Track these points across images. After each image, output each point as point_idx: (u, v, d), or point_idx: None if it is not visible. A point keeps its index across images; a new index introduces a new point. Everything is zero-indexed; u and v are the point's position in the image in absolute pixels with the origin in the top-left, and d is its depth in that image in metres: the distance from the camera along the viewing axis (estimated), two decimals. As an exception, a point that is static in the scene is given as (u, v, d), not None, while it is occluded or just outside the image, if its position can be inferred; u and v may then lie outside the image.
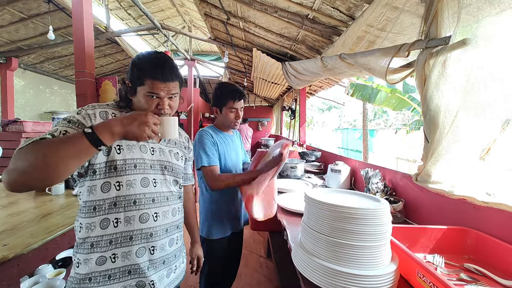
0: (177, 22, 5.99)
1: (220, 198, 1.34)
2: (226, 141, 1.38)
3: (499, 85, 0.83)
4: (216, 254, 1.32)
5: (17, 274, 0.87)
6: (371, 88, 4.62)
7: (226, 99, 1.31)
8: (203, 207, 1.37)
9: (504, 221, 0.79)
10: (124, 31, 3.68)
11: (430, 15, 0.96)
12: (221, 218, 1.34)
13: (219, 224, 1.33)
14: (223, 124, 1.38)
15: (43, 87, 4.71)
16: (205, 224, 1.34)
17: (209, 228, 1.32)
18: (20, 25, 3.32)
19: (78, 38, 2.16)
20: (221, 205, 1.35)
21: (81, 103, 2.18)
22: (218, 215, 1.34)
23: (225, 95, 1.31)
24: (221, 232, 1.33)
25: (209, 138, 1.28)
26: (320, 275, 0.67)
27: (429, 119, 0.93)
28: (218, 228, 1.33)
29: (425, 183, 0.97)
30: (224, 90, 1.33)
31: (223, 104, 1.32)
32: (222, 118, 1.36)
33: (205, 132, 1.31)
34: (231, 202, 1.38)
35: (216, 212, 1.34)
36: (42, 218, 1.18)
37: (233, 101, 1.30)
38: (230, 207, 1.38)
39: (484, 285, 0.68)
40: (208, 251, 1.30)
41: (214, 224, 1.33)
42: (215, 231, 1.32)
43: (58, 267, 1.56)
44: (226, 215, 1.35)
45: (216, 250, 1.32)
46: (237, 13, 2.63)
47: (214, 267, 1.33)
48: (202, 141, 1.27)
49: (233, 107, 1.31)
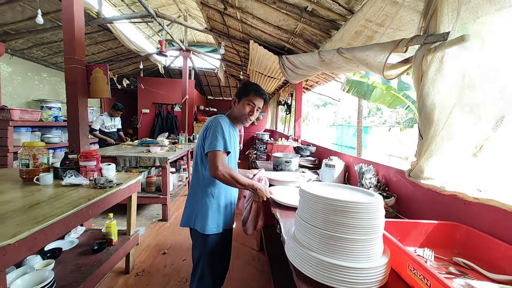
0: (172, 11, 5.82)
1: (219, 192, 1.31)
2: (234, 135, 1.37)
3: (494, 83, 0.84)
4: (213, 248, 1.29)
5: (2, 264, 0.84)
6: (367, 85, 4.63)
7: (250, 91, 1.33)
8: (200, 198, 1.30)
9: (494, 216, 0.81)
10: (117, 17, 3.55)
11: (429, 10, 0.95)
12: (218, 213, 1.31)
13: (216, 218, 1.29)
14: (236, 115, 1.37)
15: (31, 74, 4.53)
16: (200, 217, 1.28)
17: (205, 221, 1.27)
18: (6, 8, 3.16)
19: (67, 22, 2.08)
20: (220, 200, 1.32)
21: (70, 91, 2.11)
22: (216, 209, 1.30)
23: (250, 88, 1.34)
24: (216, 227, 1.30)
25: (226, 126, 1.27)
26: (313, 267, 0.67)
27: (424, 115, 0.93)
28: (214, 223, 1.29)
29: (417, 178, 0.98)
30: (251, 84, 1.37)
31: (244, 94, 1.33)
32: (237, 109, 1.36)
33: (223, 119, 1.29)
34: (229, 199, 1.37)
35: (214, 206, 1.30)
36: (30, 208, 1.15)
37: (255, 94, 1.33)
38: (227, 203, 1.36)
39: (472, 278, 0.70)
40: (204, 245, 1.28)
41: (212, 218, 1.28)
42: (211, 226, 1.28)
43: (47, 258, 1.54)
44: (223, 211, 1.33)
45: (213, 244, 1.29)
46: (234, 3, 2.57)
47: (210, 262, 1.30)
48: (221, 126, 1.25)
49: (252, 101, 1.33)
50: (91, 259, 1.63)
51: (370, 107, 15.51)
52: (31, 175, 1.58)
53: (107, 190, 1.50)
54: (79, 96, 2.12)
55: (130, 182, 1.74)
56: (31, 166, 1.60)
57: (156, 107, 6.47)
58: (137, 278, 1.93)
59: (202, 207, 1.29)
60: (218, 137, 1.22)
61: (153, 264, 2.13)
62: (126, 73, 6.72)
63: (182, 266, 2.11)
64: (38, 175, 1.56)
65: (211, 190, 1.29)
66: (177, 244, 2.49)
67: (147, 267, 2.09)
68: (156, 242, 2.51)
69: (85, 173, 1.67)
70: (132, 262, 2.04)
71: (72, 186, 1.54)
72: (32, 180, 1.56)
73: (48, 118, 3.79)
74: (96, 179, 1.58)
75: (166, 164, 2.89)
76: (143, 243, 2.48)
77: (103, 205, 1.45)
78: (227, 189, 1.35)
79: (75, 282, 1.39)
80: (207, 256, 1.29)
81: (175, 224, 2.97)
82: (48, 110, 4.03)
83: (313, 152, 2.67)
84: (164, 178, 2.99)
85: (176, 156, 3.21)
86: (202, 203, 1.29)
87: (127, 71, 6.64)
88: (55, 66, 4.98)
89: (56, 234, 1.09)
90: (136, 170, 3.19)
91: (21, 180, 1.61)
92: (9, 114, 3.00)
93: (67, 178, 1.56)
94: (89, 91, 2.22)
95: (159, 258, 2.23)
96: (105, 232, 1.81)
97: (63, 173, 1.62)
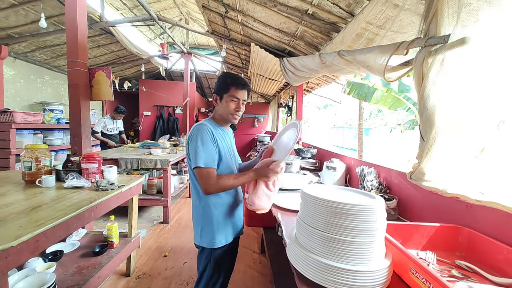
0: (174, 14, 5.87)
1: (223, 201, 1.22)
2: (224, 137, 1.25)
3: (496, 85, 0.84)
4: (220, 259, 1.21)
5: (4, 267, 0.85)
6: (368, 87, 4.63)
7: (228, 84, 1.18)
8: (202, 213, 1.20)
9: (496, 219, 0.80)
10: (119, 21, 3.58)
11: (430, 13, 0.95)
12: (226, 223, 1.22)
13: (223, 230, 1.20)
14: (221, 115, 1.23)
15: (34, 77, 4.57)
16: (206, 232, 1.18)
17: (212, 236, 1.18)
18: (10, 12, 3.20)
19: (70, 25, 2.10)
20: (225, 209, 1.22)
21: (73, 93, 2.13)
22: (222, 220, 1.20)
23: (227, 81, 1.19)
24: (224, 238, 1.20)
25: (208, 134, 1.13)
26: (315, 270, 0.67)
27: (426, 117, 0.93)
28: (222, 235, 1.19)
29: (419, 181, 0.98)
30: (228, 76, 1.23)
31: (224, 90, 1.19)
32: (221, 108, 1.22)
33: (204, 127, 1.14)
34: (234, 204, 1.27)
35: (220, 218, 1.20)
36: (32, 210, 1.16)
37: (236, 87, 1.18)
38: (234, 210, 1.26)
39: (475, 281, 0.69)
40: (212, 256, 1.19)
41: (218, 231, 1.19)
42: (219, 239, 1.18)
43: (49, 261, 1.54)
44: (230, 219, 1.24)
45: (221, 255, 1.21)
46: (235, 6, 2.59)
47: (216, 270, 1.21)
48: (201, 137, 1.11)
49: (235, 95, 1.18)
50: (92, 261, 1.63)
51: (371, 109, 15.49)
52: (34, 178, 1.59)
53: (109, 193, 1.50)
54: (82, 99, 2.14)
55: (131, 185, 1.75)
56: (33, 169, 1.61)
57: (158, 110, 6.50)
58: (138, 281, 1.93)
59: (207, 221, 1.19)
60: (197, 151, 1.10)
61: (154, 267, 2.12)
62: (128, 76, 6.76)
63: (183, 269, 2.10)
64: (41, 178, 1.56)
65: (211, 201, 1.19)
66: (178, 246, 2.48)
67: (148, 269, 2.08)
68: (157, 245, 2.51)
69: (87, 176, 1.68)
70: (133, 264, 2.03)
71: (74, 189, 1.54)
72: (34, 182, 1.56)
73: (51, 121, 3.82)
74: (98, 182, 1.59)
75: (167, 166, 2.89)
76: (144, 245, 2.48)
77: (105, 207, 1.45)
78: (229, 194, 1.25)
79: (76, 284, 1.39)
80: (213, 265, 1.20)
81: (176, 226, 2.97)
82: (50, 112, 4.05)
83: (314, 154, 2.67)
84: (165, 180, 3.00)
85: (177, 158, 3.21)
86: (206, 217, 1.19)
87: (129, 73, 6.68)
88: (58, 69, 5.02)
89: (58, 237, 1.09)
90: (137, 173, 3.20)
91: (24, 183, 1.61)
92: (11, 116, 3.02)
93: (69, 180, 1.57)
94: (91, 94, 2.24)
95: (160, 260, 2.23)
96: (106, 235, 1.81)
97: (65, 176, 1.63)
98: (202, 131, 1.13)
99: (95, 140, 4.17)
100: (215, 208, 1.19)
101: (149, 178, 3.22)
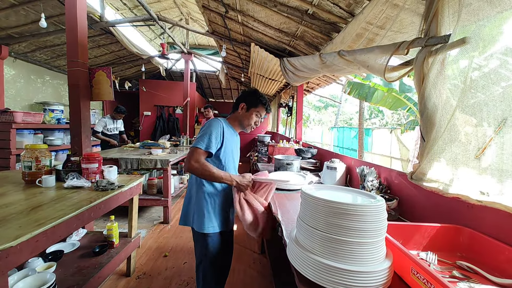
0: (174, 14, 5.87)
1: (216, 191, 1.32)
2: (232, 138, 1.38)
3: (496, 85, 0.83)
4: (213, 249, 1.30)
5: (4, 267, 0.84)
6: (368, 87, 4.63)
7: (259, 103, 1.38)
8: (197, 197, 1.31)
9: (498, 219, 0.80)
10: (119, 21, 3.59)
11: (430, 13, 0.95)
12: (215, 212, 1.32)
13: (213, 218, 1.30)
14: (241, 121, 1.39)
15: (34, 77, 4.57)
16: (198, 216, 1.29)
17: (202, 221, 1.28)
18: (10, 12, 3.20)
19: (71, 25, 2.10)
20: (219, 200, 1.32)
21: (73, 93, 2.13)
22: (222, 208, 1.33)
23: (261, 99, 1.39)
24: (213, 226, 1.30)
25: (219, 128, 1.28)
26: (315, 270, 0.67)
27: (426, 117, 0.93)
28: (212, 222, 1.29)
29: (420, 181, 0.98)
30: (262, 95, 1.41)
31: (254, 104, 1.38)
32: (243, 116, 1.39)
33: (219, 122, 1.30)
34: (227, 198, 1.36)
35: (220, 205, 1.32)
36: (32, 210, 1.15)
37: (263, 107, 1.40)
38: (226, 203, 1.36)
39: (476, 282, 0.69)
40: (204, 245, 1.29)
41: (209, 217, 1.29)
42: (208, 225, 1.28)
43: (49, 261, 1.54)
44: (220, 210, 1.34)
45: (213, 244, 1.30)
46: (235, 6, 2.59)
47: (212, 262, 1.31)
48: (212, 127, 1.26)
49: (260, 112, 1.39)
50: (92, 261, 1.62)
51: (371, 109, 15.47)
52: (34, 178, 1.59)
53: (109, 193, 1.50)
54: (82, 99, 2.14)
55: (131, 185, 1.75)
56: (33, 169, 1.61)
57: (158, 110, 6.50)
58: (138, 281, 1.93)
59: (198, 205, 1.30)
60: (204, 136, 1.24)
61: (154, 267, 2.12)
62: (128, 76, 6.76)
63: (183, 269, 2.10)
64: (41, 178, 1.56)
65: (206, 189, 1.30)
66: (178, 246, 2.48)
67: (148, 269, 2.08)
68: (157, 245, 2.50)
69: (87, 176, 1.68)
70: (133, 264, 2.03)
71: (74, 189, 1.54)
72: (35, 182, 1.56)
73: (51, 121, 3.82)
74: (98, 182, 1.58)
75: (167, 167, 2.89)
76: (144, 245, 2.48)
77: (105, 207, 1.45)
78: (224, 189, 1.34)
79: (77, 284, 1.38)
80: (208, 257, 1.30)
81: (176, 226, 2.97)
82: (50, 112, 4.06)
83: (314, 154, 2.66)
84: (166, 180, 3.00)
85: (177, 158, 3.21)
86: (198, 202, 1.30)
87: (129, 73, 6.69)
88: (58, 69, 5.02)
89: (58, 237, 1.09)
90: (137, 173, 3.19)
91: (24, 183, 1.61)
92: (12, 116, 3.02)
93: (69, 180, 1.57)
94: (91, 94, 2.24)
95: (160, 260, 2.22)
96: (107, 235, 1.81)
97: (65, 176, 1.63)
98: (216, 124, 1.29)
99: (95, 140, 4.17)
100: (208, 196, 1.30)
101: (149, 178, 3.22)
